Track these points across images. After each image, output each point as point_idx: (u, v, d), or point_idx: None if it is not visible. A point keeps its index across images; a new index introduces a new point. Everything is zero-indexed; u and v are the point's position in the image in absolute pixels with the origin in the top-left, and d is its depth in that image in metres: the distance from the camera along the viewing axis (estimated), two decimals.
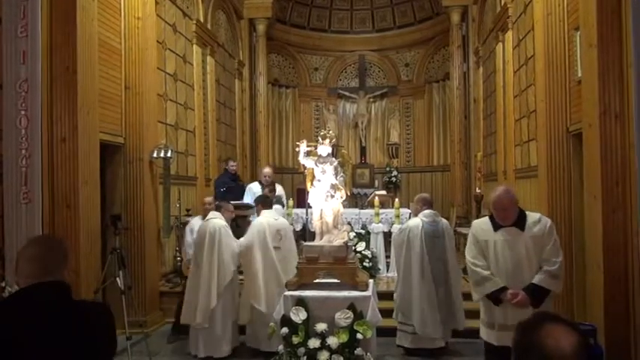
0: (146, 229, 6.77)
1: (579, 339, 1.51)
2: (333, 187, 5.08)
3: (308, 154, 5.24)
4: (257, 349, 5.69)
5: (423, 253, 5.54)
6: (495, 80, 9.69)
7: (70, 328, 1.88)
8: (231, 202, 6.67)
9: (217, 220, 5.87)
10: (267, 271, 5.69)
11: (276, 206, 6.80)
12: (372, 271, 7.36)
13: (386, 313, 5.32)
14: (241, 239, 5.87)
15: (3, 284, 4.08)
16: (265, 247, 5.72)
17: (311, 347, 4.59)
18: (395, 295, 5.81)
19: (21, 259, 1.99)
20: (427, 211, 5.72)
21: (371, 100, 14.57)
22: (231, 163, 9.13)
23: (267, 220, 5.89)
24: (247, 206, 7.54)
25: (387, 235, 8.03)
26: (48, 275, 1.93)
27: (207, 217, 6.03)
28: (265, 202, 6.25)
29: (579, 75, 5.38)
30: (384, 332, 5.64)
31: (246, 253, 5.76)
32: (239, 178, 9.52)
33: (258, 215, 6.09)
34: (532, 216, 3.82)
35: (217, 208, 6.13)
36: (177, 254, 7.81)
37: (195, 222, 6.76)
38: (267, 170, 8.52)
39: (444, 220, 5.88)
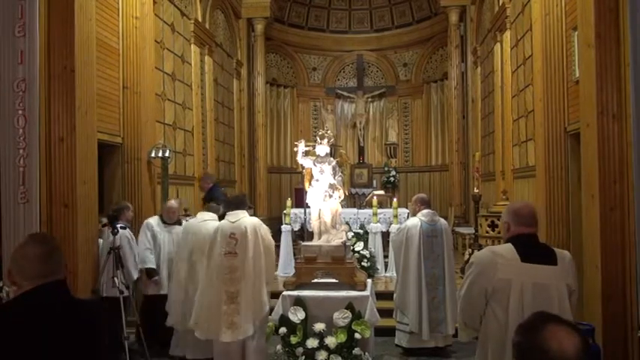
0: None
1: (582, 341, 1.51)
2: (332, 186, 5.07)
3: (306, 153, 5.24)
4: None
5: (420, 253, 5.53)
6: (493, 80, 9.70)
7: (76, 327, 1.89)
8: None
9: (215, 222, 5.62)
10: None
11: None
12: (371, 271, 7.36)
13: (384, 312, 5.31)
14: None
15: (1, 284, 4.07)
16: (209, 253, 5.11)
17: (309, 347, 4.59)
18: (395, 294, 5.82)
19: (24, 259, 1.90)
20: (425, 211, 5.71)
21: (369, 99, 14.58)
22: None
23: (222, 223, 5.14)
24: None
25: (386, 235, 8.04)
26: (56, 274, 1.91)
27: (202, 218, 5.70)
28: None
29: (577, 75, 5.38)
30: (382, 332, 5.64)
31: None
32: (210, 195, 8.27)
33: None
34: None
35: (210, 209, 5.88)
36: None
37: (153, 221, 6.03)
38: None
39: (443, 220, 5.85)
